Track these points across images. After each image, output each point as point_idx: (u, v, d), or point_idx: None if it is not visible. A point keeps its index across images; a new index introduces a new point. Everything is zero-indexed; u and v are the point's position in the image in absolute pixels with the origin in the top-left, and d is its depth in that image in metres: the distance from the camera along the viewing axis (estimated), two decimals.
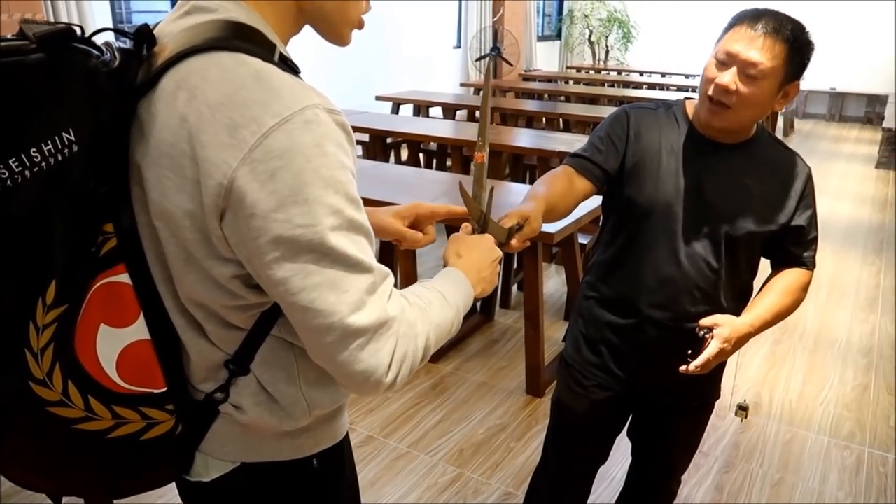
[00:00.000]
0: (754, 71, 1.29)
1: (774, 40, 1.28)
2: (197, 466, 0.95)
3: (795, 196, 1.45)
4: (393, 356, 0.80)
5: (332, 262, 0.76)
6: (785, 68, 1.31)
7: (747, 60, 1.29)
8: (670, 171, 1.44)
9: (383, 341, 0.80)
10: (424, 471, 2.49)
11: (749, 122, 1.42)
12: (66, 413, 0.83)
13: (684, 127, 1.46)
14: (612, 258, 1.55)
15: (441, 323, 0.90)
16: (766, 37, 1.28)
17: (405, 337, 0.82)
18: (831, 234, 5.31)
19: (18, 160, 0.72)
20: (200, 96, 0.75)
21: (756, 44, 1.28)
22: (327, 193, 0.74)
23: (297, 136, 0.73)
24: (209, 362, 0.88)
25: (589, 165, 1.49)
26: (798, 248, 1.49)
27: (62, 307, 0.79)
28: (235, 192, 0.73)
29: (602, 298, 1.58)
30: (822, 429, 2.84)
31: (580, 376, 1.63)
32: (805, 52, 1.33)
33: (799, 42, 1.30)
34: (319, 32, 0.91)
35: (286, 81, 0.76)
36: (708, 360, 1.34)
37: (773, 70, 1.30)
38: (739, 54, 1.30)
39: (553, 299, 3.97)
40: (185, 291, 0.84)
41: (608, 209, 1.59)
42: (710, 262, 1.44)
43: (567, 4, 11.89)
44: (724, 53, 1.32)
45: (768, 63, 1.29)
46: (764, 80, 1.30)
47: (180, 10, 0.84)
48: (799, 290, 1.48)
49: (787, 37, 1.29)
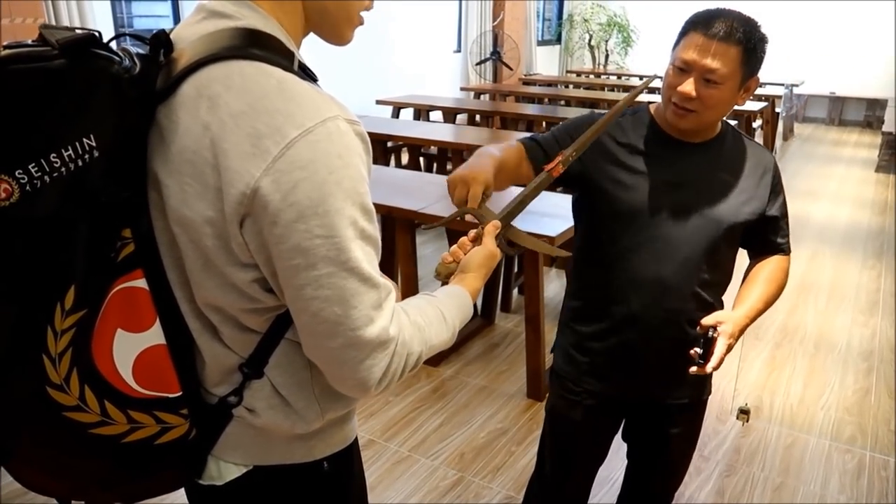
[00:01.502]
0: (713, 76, 1.33)
1: (728, 45, 1.32)
2: (209, 470, 0.95)
3: (767, 185, 1.50)
4: (385, 372, 0.84)
5: (347, 274, 0.78)
6: (742, 69, 1.35)
7: (705, 67, 1.33)
8: (641, 174, 1.46)
9: (379, 358, 0.82)
10: (425, 474, 2.49)
11: (714, 121, 1.46)
12: (82, 418, 0.83)
13: (652, 130, 1.49)
14: (590, 265, 1.56)
15: (436, 344, 0.94)
16: (720, 42, 1.31)
17: (399, 355, 0.85)
18: (831, 238, 5.31)
19: (38, 166, 0.73)
20: (223, 105, 0.75)
21: (711, 50, 1.32)
22: (347, 205, 0.76)
23: (320, 147, 0.74)
24: (224, 366, 0.89)
25: (540, 155, 1.47)
26: (775, 236, 1.54)
27: (81, 312, 0.80)
28: (258, 201, 0.74)
29: (585, 305, 1.59)
30: (824, 433, 2.84)
31: (571, 384, 1.63)
32: (759, 50, 1.36)
33: (752, 42, 1.34)
34: (320, 33, 0.91)
35: (307, 91, 0.77)
36: (721, 359, 1.35)
37: (730, 73, 1.34)
38: (696, 62, 1.33)
39: (553, 303, 3.97)
40: (202, 296, 0.85)
41: (579, 218, 1.60)
42: (691, 259, 1.45)
43: (567, 8, 11.92)
44: (681, 62, 1.36)
45: (725, 68, 1.32)
46: (723, 84, 1.34)
47: (198, 16, 0.85)
48: (783, 275, 1.53)
49: (739, 39, 1.32)
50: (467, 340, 3.51)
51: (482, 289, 1.12)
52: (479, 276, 1.09)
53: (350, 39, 0.92)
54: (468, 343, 3.49)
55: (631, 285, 1.48)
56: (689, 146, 1.46)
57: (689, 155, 1.46)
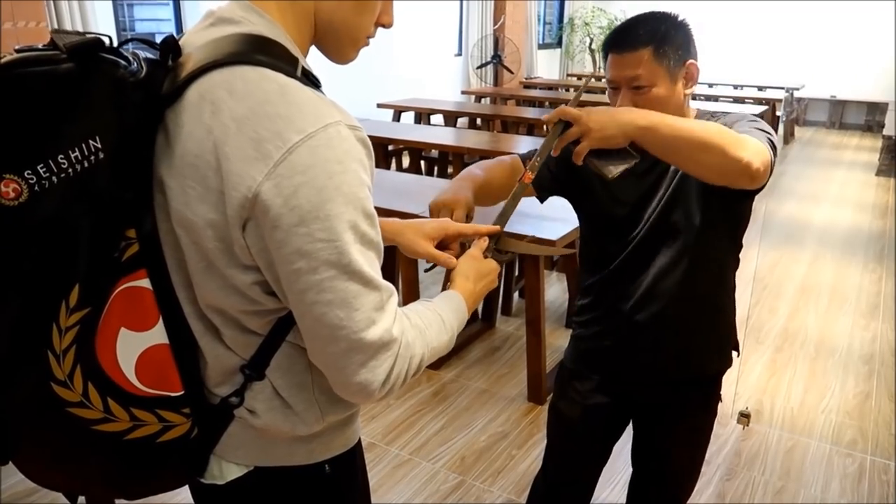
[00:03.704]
0: (638, 82, 1.36)
1: (635, 50, 1.35)
2: (211, 469, 0.96)
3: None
4: (388, 374, 0.84)
5: (348, 278, 0.79)
6: (662, 63, 1.35)
7: (626, 78, 1.37)
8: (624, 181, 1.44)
9: (382, 359, 0.83)
10: (426, 478, 2.49)
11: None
12: (86, 414, 0.85)
13: None
14: (587, 262, 1.62)
15: (436, 346, 0.94)
16: (628, 53, 1.35)
17: (402, 357, 0.85)
18: (832, 242, 5.31)
19: (46, 166, 0.75)
20: (226, 109, 0.77)
21: (624, 62, 1.36)
22: (347, 210, 0.77)
23: (320, 152, 0.75)
24: (225, 367, 0.90)
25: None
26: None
27: (85, 310, 0.81)
28: (260, 205, 0.75)
29: (591, 303, 1.62)
30: (824, 436, 2.84)
31: (576, 381, 1.65)
32: (673, 37, 1.36)
33: (658, 37, 1.35)
34: (323, 48, 0.92)
35: (309, 97, 0.78)
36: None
37: (651, 73, 1.35)
38: (617, 77, 1.38)
39: (554, 307, 3.97)
40: (204, 297, 0.86)
41: (580, 220, 1.65)
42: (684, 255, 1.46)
43: (568, 11, 11.94)
44: (608, 82, 1.42)
45: (643, 70, 1.35)
46: (651, 85, 1.36)
47: (206, 22, 0.86)
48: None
49: (643, 41, 1.34)
50: (468, 344, 3.51)
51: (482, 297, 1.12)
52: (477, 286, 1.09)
53: (352, 60, 0.94)
54: (469, 346, 3.50)
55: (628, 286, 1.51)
56: None
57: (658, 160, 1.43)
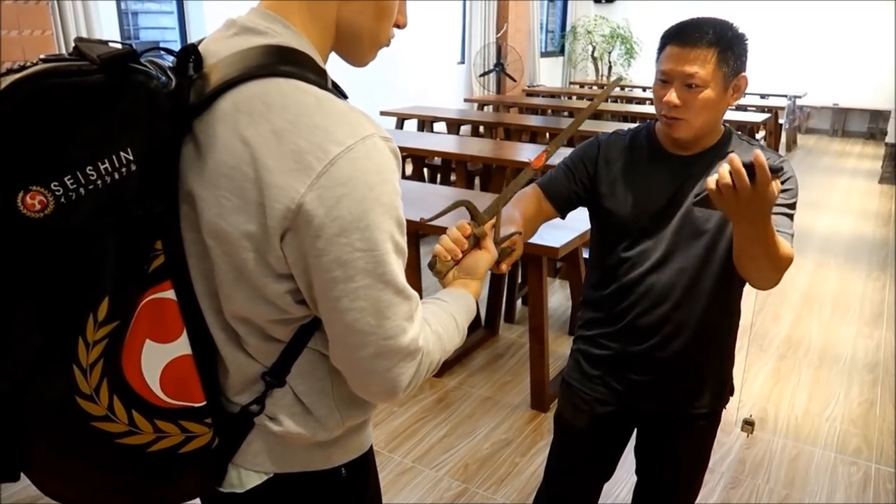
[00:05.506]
0: (692, 80, 1.37)
1: (701, 48, 1.36)
2: (230, 478, 0.95)
3: None
4: (410, 380, 0.87)
5: (384, 286, 0.81)
6: (721, 68, 1.38)
7: (683, 73, 1.38)
8: (644, 190, 1.49)
9: (407, 367, 0.85)
10: (429, 486, 2.49)
11: (708, 126, 1.45)
12: (110, 427, 0.84)
13: (650, 146, 1.53)
14: (596, 274, 1.61)
15: (449, 349, 0.98)
16: (692, 48, 1.37)
17: (423, 364, 0.89)
18: (835, 249, 5.31)
19: (74, 178, 0.74)
20: (264, 122, 0.77)
21: (686, 57, 1.37)
22: (385, 220, 0.79)
23: (360, 164, 0.77)
24: (246, 375, 0.90)
25: (557, 189, 1.58)
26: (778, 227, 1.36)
27: (114, 323, 0.80)
28: (303, 216, 0.76)
29: (596, 313, 1.61)
30: (829, 445, 2.83)
31: (581, 392, 1.64)
32: (735, 46, 1.39)
33: (724, 41, 1.37)
34: (344, 53, 0.93)
35: (344, 109, 0.80)
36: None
37: (709, 74, 1.37)
38: (674, 70, 1.39)
39: (557, 314, 3.97)
40: (231, 308, 0.86)
41: (594, 229, 1.66)
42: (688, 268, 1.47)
43: (570, 19, 11.98)
44: (661, 73, 1.42)
45: (702, 70, 1.37)
46: (705, 86, 1.38)
47: (229, 31, 0.86)
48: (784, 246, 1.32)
49: (710, 41, 1.36)
50: (471, 351, 3.51)
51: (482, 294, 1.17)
52: (482, 281, 1.14)
53: (370, 61, 0.94)
54: (472, 354, 3.49)
55: (632, 295, 1.51)
56: (685, 158, 1.48)
57: (685, 167, 1.48)
